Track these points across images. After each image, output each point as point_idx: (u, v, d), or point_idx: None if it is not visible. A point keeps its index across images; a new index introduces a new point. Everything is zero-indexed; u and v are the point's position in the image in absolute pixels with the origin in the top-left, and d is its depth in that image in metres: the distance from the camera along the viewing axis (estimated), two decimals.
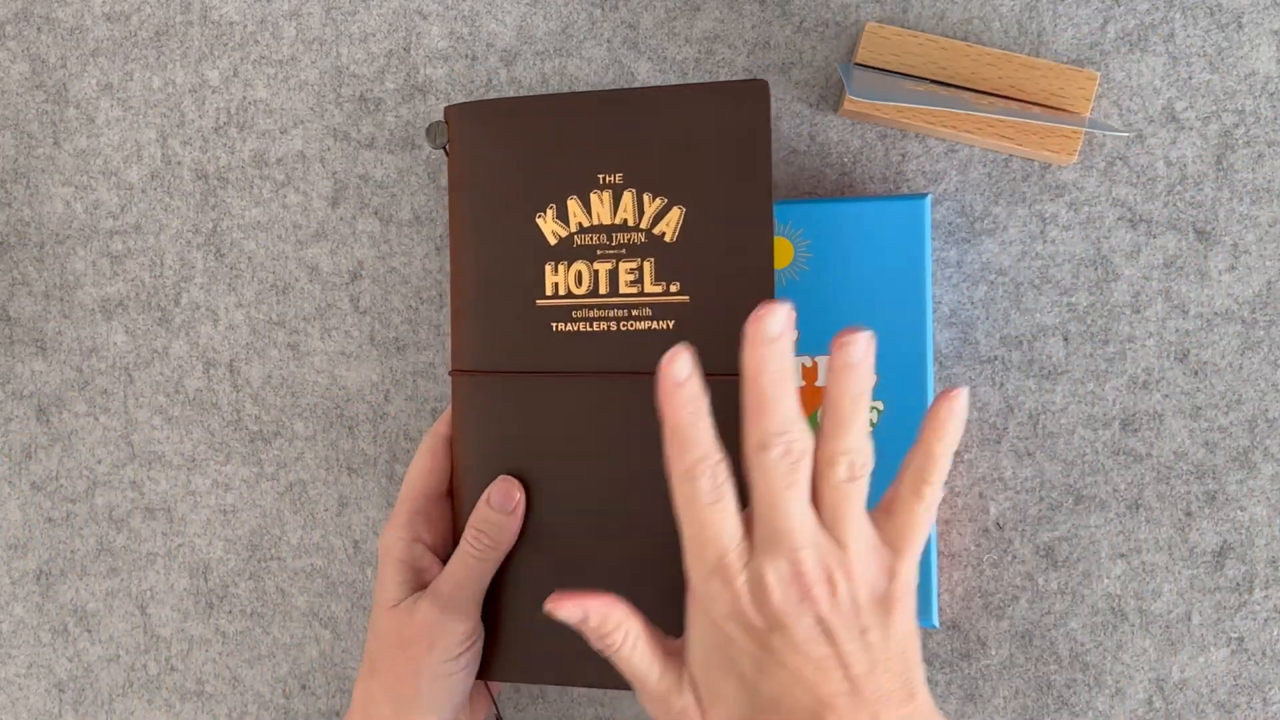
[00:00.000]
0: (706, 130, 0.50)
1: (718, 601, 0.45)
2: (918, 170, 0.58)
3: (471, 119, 0.52)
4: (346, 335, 0.61)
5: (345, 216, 0.61)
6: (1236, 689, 0.57)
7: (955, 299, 0.57)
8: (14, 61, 0.62)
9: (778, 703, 0.44)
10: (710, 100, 0.50)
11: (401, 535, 0.52)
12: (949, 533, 0.58)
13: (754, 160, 0.50)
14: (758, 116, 0.50)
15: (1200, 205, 0.57)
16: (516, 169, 0.52)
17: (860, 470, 0.45)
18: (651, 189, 0.51)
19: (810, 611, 0.44)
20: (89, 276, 0.62)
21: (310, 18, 0.61)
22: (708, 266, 0.50)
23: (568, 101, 0.51)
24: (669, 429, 0.46)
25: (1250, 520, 0.57)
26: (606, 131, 0.51)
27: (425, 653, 0.50)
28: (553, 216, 0.52)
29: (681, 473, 0.45)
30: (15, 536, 0.63)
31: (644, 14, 0.59)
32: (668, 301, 0.51)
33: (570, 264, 0.52)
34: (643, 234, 0.51)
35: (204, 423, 0.62)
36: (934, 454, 0.46)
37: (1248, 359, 0.57)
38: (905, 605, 0.46)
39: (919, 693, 0.45)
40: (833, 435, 0.45)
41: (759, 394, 0.45)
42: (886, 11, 0.58)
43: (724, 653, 0.45)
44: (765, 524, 0.45)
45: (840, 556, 0.45)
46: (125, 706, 0.63)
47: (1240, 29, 0.56)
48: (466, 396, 0.53)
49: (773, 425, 0.45)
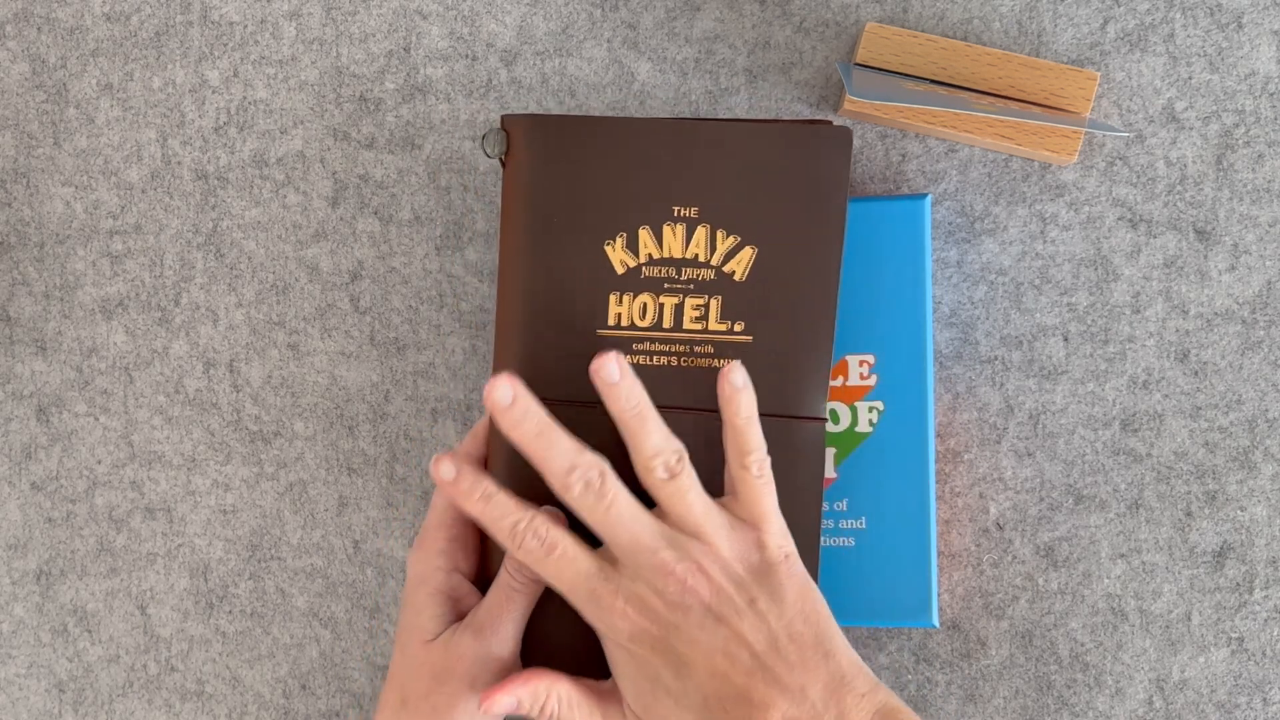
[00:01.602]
0: (787, 171, 0.49)
1: (614, 629, 0.46)
2: (918, 170, 0.58)
3: (537, 132, 0.51)
4: (346, 335, 0.61)
5: (345, 216, 0.61)
6: (1236, 689, 0.57)
7: (955, 299, 0.58)
8: (14, 61, 0.62)
9: (706, 699, 0.45)
10: (793, 141, 0.49)
11: (440, 564, 0.51)
12: (949, 533, 0.58)
13: (829, 207, 0.49)
14: (839, 163, 0.49)
15: (1200, 205, 0.57)
16: (587, 192, 0.50)
17: (676, 465, 0.47)
18: (726, 226, 0.50)
19: (694, 601, 0.45)
20: (89, 276, 0.62)
21: (310, 18, 0.61)
22: (773, 309, 0.50)
23: (644, 126, 0.50)
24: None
25: (1250, 520, 0.57)
26: (684, 162, 0.50)
27: (466, 688, 0.49)
28: (622, 245, 0.50)
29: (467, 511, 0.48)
30: (15, 536, 0.63)
31: (644, 14, 0.59)
32: (731, 340, 0.50)
33: (636, 295, 0.50)
34: (713, 271, 0.50)
35: (204, 423, 0.62)
36: (738, 427, 0.48)
37: (1248, 359, 0.57)
38: (787, 568, 0.47)
39: (837, 650, 0.46)
40: (635, 446, 0.47)
41: (539, 439, 0.47)
42: (886, 11, 0.58)
43: (644, 674, 0.47)
44: (614, 547, 0.47)
45: (700, 545, 0.46)
46: (125, 706, 0.63)
47: (1240, 29, 0.56)
48: None
49: (558, 466, 0.46)
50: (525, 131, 0.51)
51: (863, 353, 0.55)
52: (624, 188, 0.50)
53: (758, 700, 0.44)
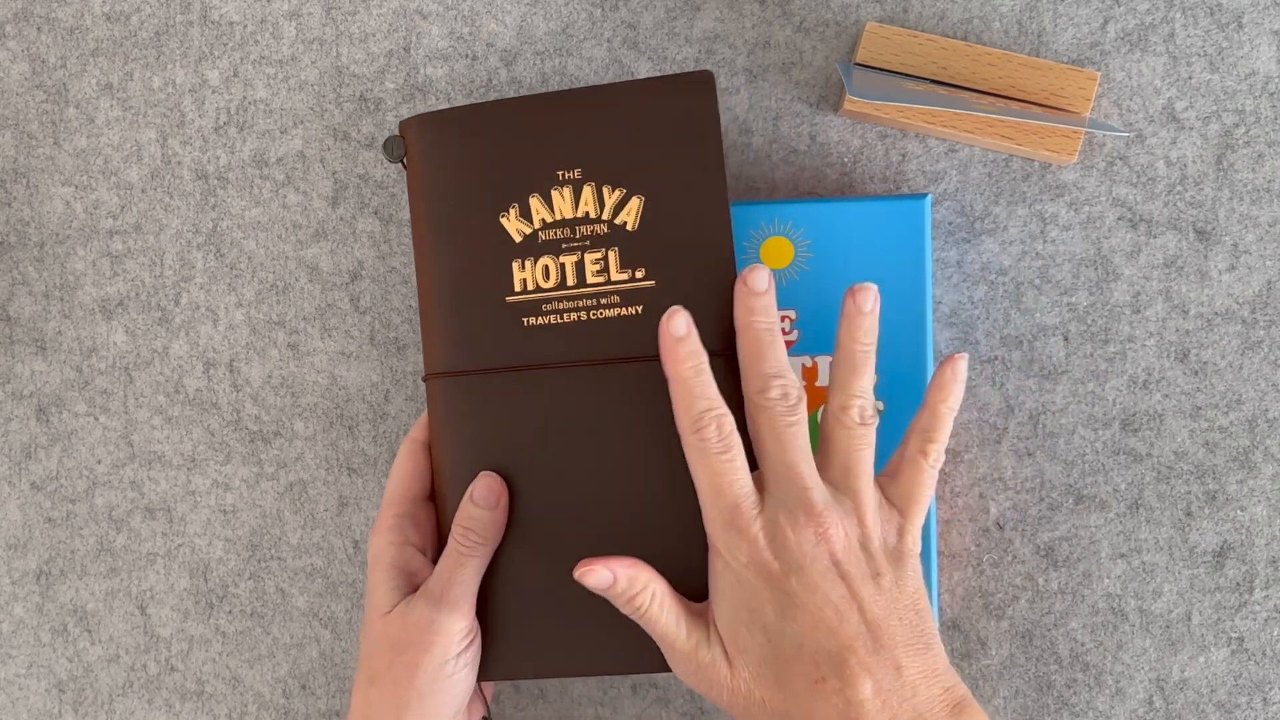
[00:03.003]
0: (657, 122, 0.52)
1: (736, 551, 0.46)
2: (918, 170, 0.58)
3: (428, 130, 0.54)
4: (346, 335, 0.61)
5: (345, 216, 0.61)
6: (1236, 689, 0.57)
7: (955, 299, 0.57)
8: (14, 61, 0.62)
9: (801, 647, 0.45)
10: (658, 93, 0.52)
11: (391, 539, 0.52)
12: (949, 533, 0.58)
13: (705, 147, 0.52)
14: (705, 105, 0.52)
15: (1200, 205, 0.57)
16: (476, 173, 0.53)
17: (870, 418, 0.47)
18: (610, 181, 0.52)
19: (825, 551, 0.45)
20: (89, 276, 0.62)
21: (310, 18, 0.61)
22: (670, 251, 0.52)
23: (520, 105, 0.53)
24: (673, 384, 0.48)
25: (1250, 520, 0.57)
26: (561, 130, 0.53)
27: (424, 654, 0.50)
28: (516, 215, 0.53)
29: (689, 426, 0.47)
30: (15, 536, 0.63)
31: (644, 14, 0.59)
32: (635, 288, 0.52)
33: (537, 259, 0.53)
34: (605, 225, 0.52)
35: (204, 423, 0.62)
36: (939, 413, 0.48)
37: (1248, 359, 0.57)
38: (915, 563, 0.47)
39: (936, 644, 0.46)
40: (846, 381, 0.48)
41: (754, 342, 0.48)
42: (886, 11, 0.58)
43: (747, 604, 0.46)
44: (773, 466, 0.47)
45: (849, 505, 0.47)
46: (125, 706, 0.63)
47: (1240, 29, 0.56)
48: (443, 399, 0.53)
49: (769, 369, 0.47)
50: (417, 131, 0.54)
51: None
52: (509, 163, 0.53)
53: (854, 663, 0.44)
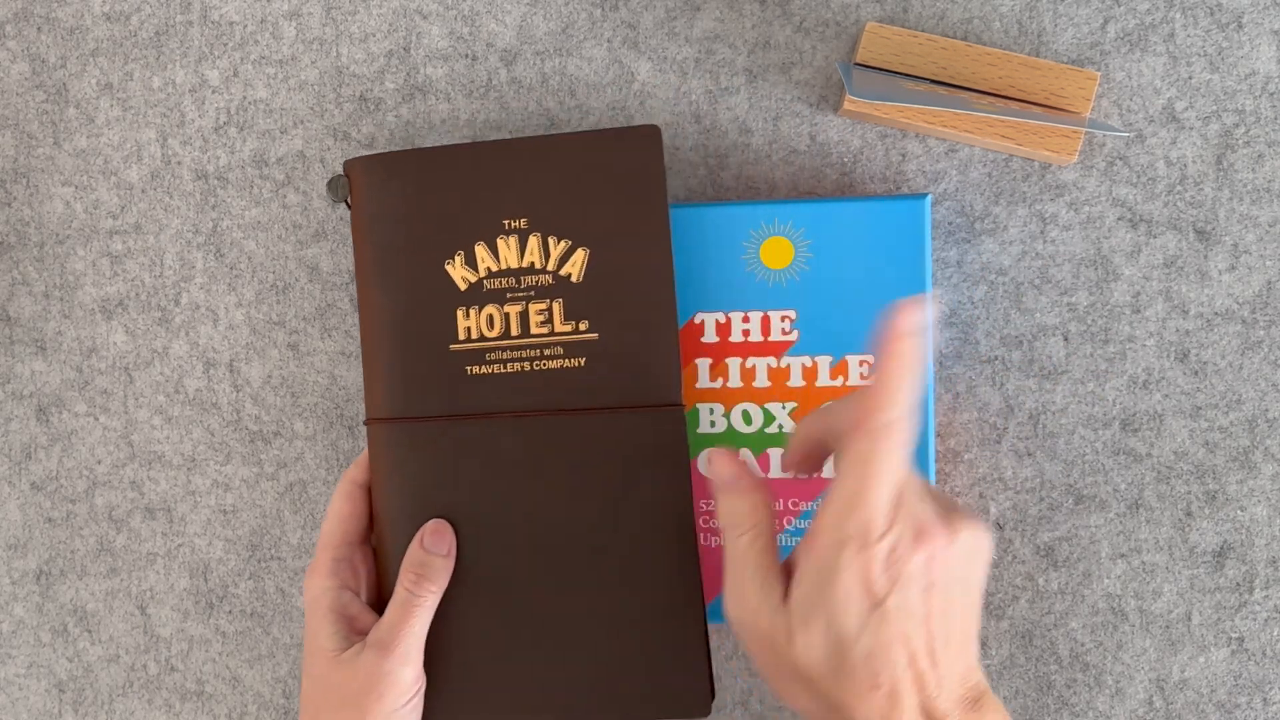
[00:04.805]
0: (604, 174, 0.52)
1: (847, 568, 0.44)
2: (918, 170, 0.58)
3: (375, 172, 0.54)
4: (346, 335, 0.61)
5: (345, 216, 0.61)
6: (1236, 689, 0.57)
7: (955, 299, 0.58)
8: (14, 61, 0.62)
9: (870, 656, 0.43)
10: (606, 146, 0.52)
11: (329, 584, 0.52)
12: None
13: (650, 201, 0.52)
14: (651, 159, 0.52)
15: (1200, 205, 0.57)
16: (422, 219, 0.53)
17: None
18: (556, 232, 0.53)
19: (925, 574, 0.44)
20: (89, 276, 0.62)
21: (310, 18, 0.61)
22: (614, 304, 0.52)
23: (468, 152, 0.53)
24: (880, 375, 0.44)
25: (1250, 520, 0.57)
26: (508, 179, 0.53)
27: (375, 703, 0.50)
28: (461, 263, 0.53)
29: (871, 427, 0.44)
30: (15, 536, 0.63)
31: (644, 14, 0.59)
32: (578, 339, 0.53)
33: (481, 308, 0.53)
34: (550, 276, 0.53)
35: (204, 423, 0.62)
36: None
37: (1248, 359, 0.57)
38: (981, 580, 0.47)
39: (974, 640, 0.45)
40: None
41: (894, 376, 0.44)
42: (886, 11, 0.58)
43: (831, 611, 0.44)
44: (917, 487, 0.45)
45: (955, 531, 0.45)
46: (125, 706, 0.63)
47: (1240, 29, 0.56)
48: (385, 445, 0.54)
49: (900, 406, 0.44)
50: (363, 172, 0.54)
51: (863, 353, 0.55)
52: (456, 209, 0.53)
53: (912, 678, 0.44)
